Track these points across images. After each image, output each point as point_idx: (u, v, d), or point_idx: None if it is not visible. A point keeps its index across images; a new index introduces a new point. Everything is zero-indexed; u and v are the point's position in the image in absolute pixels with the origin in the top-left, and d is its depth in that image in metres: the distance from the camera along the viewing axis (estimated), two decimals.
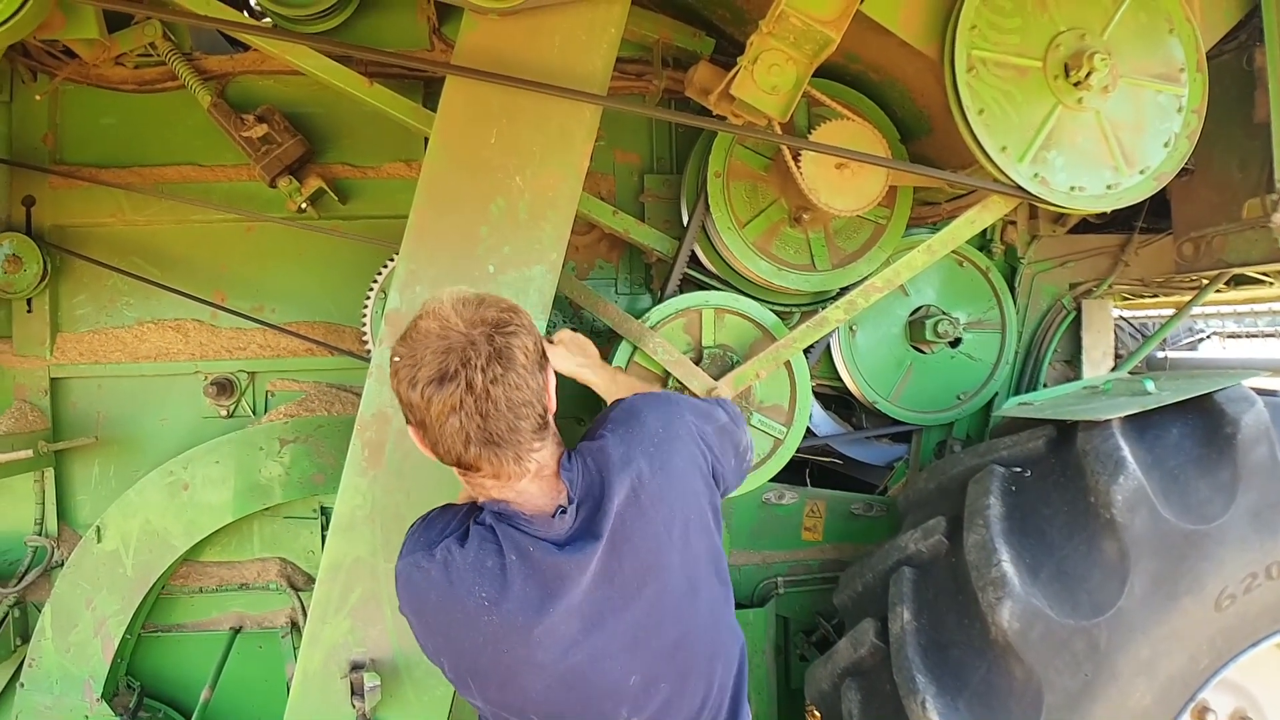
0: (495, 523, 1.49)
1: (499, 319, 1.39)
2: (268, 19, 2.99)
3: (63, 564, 2.98)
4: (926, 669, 2.27)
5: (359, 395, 3.01)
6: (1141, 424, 2.39)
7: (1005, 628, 2.14)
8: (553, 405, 1.51)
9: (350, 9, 2.92)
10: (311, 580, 3.17)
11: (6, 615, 3.00)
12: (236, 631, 3.19)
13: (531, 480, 1.48)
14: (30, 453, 2.82)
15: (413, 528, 1.62)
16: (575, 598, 1.46)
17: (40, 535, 3.07)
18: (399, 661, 2.32)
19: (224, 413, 3.10)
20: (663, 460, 1.57)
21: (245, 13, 3.44)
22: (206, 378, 3.07)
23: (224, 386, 3.06)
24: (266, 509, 3.04)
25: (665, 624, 1.55)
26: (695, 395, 2.67)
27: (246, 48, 2.96)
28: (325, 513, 3.13)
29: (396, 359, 1.41)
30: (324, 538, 3.06)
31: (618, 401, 1.75)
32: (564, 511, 1.48)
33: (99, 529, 2.91)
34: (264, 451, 2.95)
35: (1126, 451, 2.24)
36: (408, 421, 1.45)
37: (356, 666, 2.29)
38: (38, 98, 3.02)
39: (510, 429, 1.37)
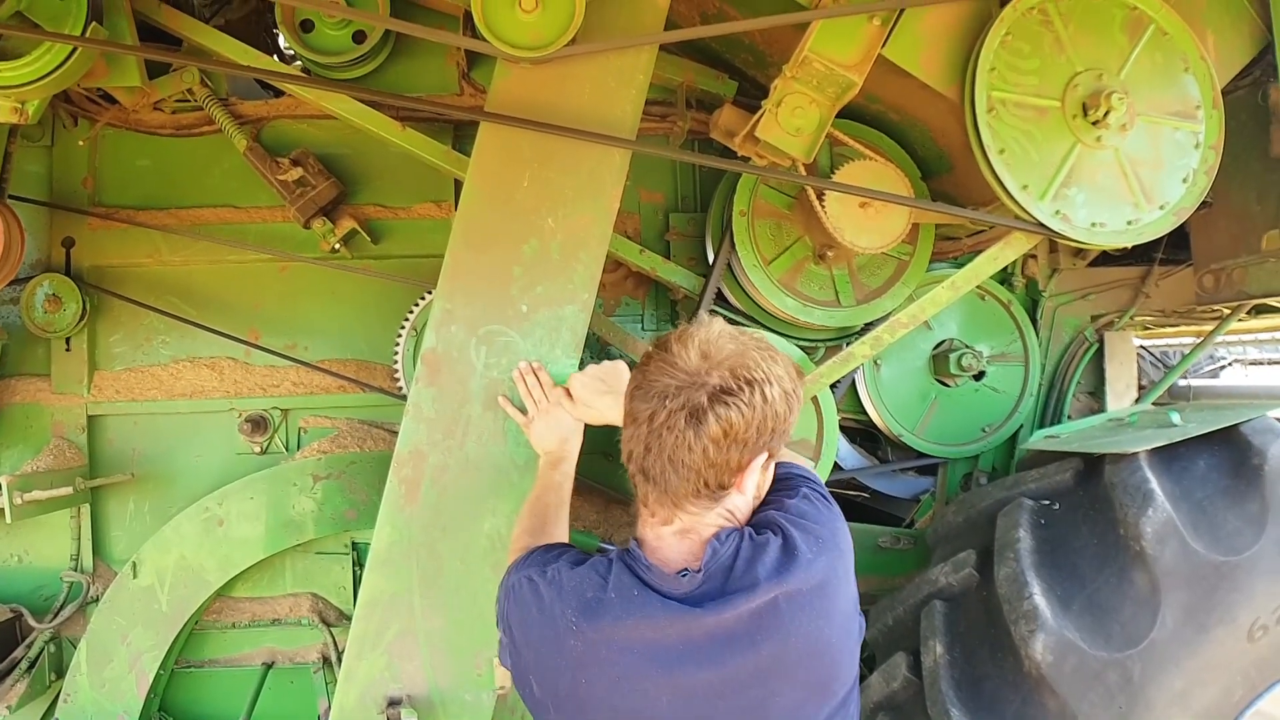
0: (617, 559, 1.48)
1: (725, 385, 1.35)
2: (299, 63, 3.08)
3: (98, 599, 3.01)
4: (960, 702, 2.28)
5: (390, 432, 3.08)
6: (1168, 456, 2.40)
7: (1038, 660, 2.15)
8: (744, 490, 1.45)
9: (382, 56, 3.01)
10: (343, 616, 3.19)
11: (42, 650, 3.03)
12: (269, 667, 3.21)
13: (674, 533, 1.46)
14: (69, 489, 2.88)
15: (533, 550, 1.64)
16: (661, 657, 1.39)
17: (76, 571, 3.10)
18: (435, 698, 2.33)
19: (257, 449, 3.14)
20: (820, 572, 1.44)
21: (276, 58, 3.54)
22: (240, 415, 3.13)
23: (258, 423, 3.11)
24: (299, 544, 3.07)
25: None
26: None
27: (281, 93, 3.05)
28: (357, 548, 3.17)
29: (651, 350, 1.46)
30: (355, 573, 3.14)
31: (797, 482, 1.62)
32: (685, 575, 1.41)
33: (135, 564, 2.95)
34: (297, 488, 2.99)
35: (1154, 484, 2.26)
36: None
37: (393, 703, 2.29)
38: (81, 143, 3.11)
39: (662, 474, 1.39)
